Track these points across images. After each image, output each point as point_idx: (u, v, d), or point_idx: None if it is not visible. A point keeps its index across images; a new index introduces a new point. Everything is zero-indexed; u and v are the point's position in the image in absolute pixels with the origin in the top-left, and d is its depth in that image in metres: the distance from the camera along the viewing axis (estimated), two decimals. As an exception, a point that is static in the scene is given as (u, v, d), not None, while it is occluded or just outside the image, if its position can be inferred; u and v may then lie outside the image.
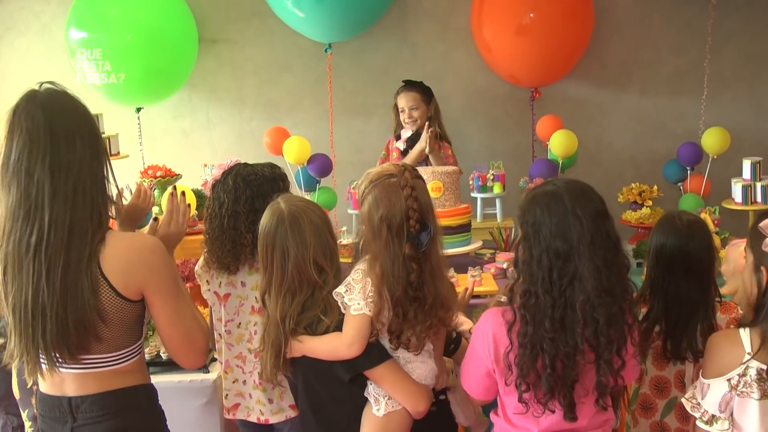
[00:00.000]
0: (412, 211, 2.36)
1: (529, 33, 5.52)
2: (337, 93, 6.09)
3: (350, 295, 2.38)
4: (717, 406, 2.30)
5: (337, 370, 2.43)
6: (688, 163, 5.26)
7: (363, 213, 2.43)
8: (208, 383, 3.76)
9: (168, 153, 5.97)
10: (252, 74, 6.21)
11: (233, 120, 6.27)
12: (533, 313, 2.26)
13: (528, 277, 2.28)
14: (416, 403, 2.44)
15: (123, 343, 2.30)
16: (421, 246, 2.37)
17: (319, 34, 5.74)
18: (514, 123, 6.18)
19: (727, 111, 6.03)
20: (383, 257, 2.34)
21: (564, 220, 2.23)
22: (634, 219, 5.03)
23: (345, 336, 2.37)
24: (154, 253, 2.28)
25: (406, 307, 2.35)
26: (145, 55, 5.42)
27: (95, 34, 5.40)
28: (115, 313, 2.23)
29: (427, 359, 2.50)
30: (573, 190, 2.29)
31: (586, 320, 2.22)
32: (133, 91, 5.49)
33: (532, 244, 2.27)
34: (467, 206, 4.40)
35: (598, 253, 2.22)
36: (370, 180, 2.46)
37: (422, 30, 6.14)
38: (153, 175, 5.15)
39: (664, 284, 2.81)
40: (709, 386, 2.32)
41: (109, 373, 2.30)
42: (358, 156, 6.05)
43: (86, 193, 2.18)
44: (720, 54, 5.99)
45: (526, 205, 2.34)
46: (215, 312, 3.14)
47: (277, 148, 5.22)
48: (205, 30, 6.02)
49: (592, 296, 2.21)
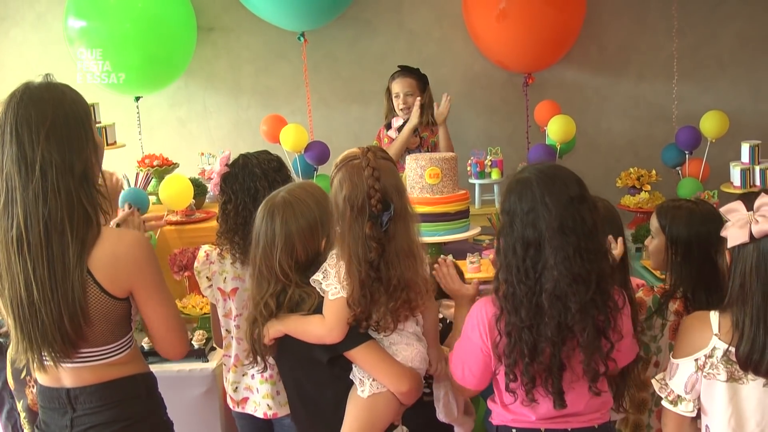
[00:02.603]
0: (373, 190, 2.33)
1: (509, 18, 5.50)
2: (334, 80, 6.12)
3: (327, 281, 2.36)
4: (683, 387, 2.30)
5: (316, 353, 2.40)
6: (686, 147, 5.26)
7: (330, 196, 2.42)
8: (208, 372, 3.78)
9: (165, 142, 5.98)
10: (248, 62, 6.19)
11: (230, 108, 6.25)
12: (511, 302, 2.28)
13: (505, 266, 2.31)
14: (399, 383, 2.38)
15: (110, 339, 2.30)
16: (382, 225, 2.33)
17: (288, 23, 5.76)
18: (512, 109, 6.17)
19: (725, 94, 6.03)
20: (348, 238, 2.33)
21: (533, 208, 2.25)
22: (632, 204, 5.04)
23: (327, 321, 2.35)
24: (140, 248, 2.27)
25: (370, 288, 2.32)
26: (145, 44, 5.38)
27: (93, 22, 5.37)
28: (101, 311, 2.22)
29: (413, 342, 2.46)
30: (543, 176, 2.29)
31: (557, 308, 2.24)
32: (132, 81, 5.45)
33: (507, 232, 2.30)
34: (465, 192, 4.38)
35: (570, 240, 2.23)
36: (335, 164, 2.47)
37: (418, 16, 6.12)
38: (150, 164, 5.16)
39: (702, 277, 2.82)
40: (677, 366, 2.32)
41: (103, 365, 2.30)
42: (356, 143, 5.92)
43: (60, 188, 2.14)
44: (718, 37, 5.99)
45: (504, 193, 2.38)
46: (220, 308, 3.13)
47: (274, 136, 5.21)
48: (201, 18, 5.96)
49: (563, 284, 2.23)
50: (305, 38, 5.83)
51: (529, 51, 5.69)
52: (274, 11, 5.61)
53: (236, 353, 3.12)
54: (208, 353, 3.86)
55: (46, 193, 2.13)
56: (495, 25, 5.59)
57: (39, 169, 2.13)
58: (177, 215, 4.71)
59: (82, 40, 5.34)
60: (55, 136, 2.15)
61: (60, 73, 2.33)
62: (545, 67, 5.95)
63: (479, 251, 4.23)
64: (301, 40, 5.84)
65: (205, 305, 3.99)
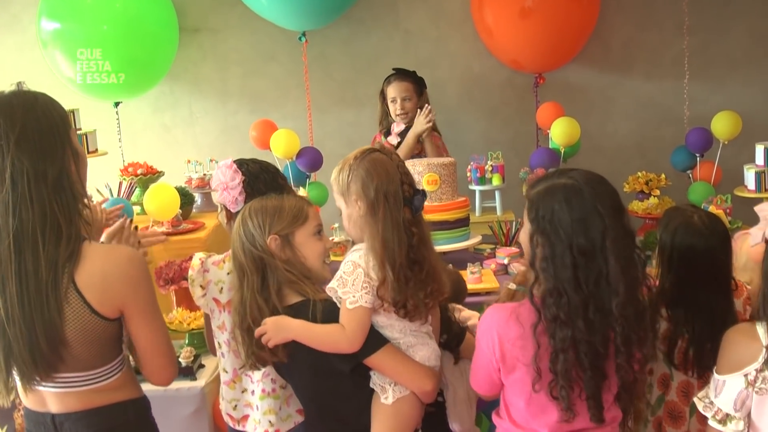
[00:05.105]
0: (405, 175, 2.48)
1: (533, 15, 5.52)
2: (326, 83, 6.11)
3: (344, 289, 2.41)
4: (732, 404, 2.28)
5: (336, 363, 2.45)
6: (697, 149, 5.26)
7: (356, 191, 2.48)
8: (196, 391, 3.77)
9: (149, 149, 6.00)
10: (236, 65, 6.20)
11: (217, 113, 6.26)
12: (567, 313, 2.26)
13: (551, 276, 2.27)
14: (422, 383, 2.48)
15: (100, 362, 2.27)
16: (417, 210, 2.45)
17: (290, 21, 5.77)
18: (513, 111, 6.20)
19: (737, 94, 6.03)
20: (384, 227, 2.40)
21: (585, 216, 2.25)
22: (641, 209, 5.05)
23: (347, 331, 2.40)
24: (132, 265, 2.24)
25: (408, 274, 2.41)
26: (123, 47, 5.37)
27: (69, 24, 5.37)
28: (89, 333, 2.19)
29: (427, 340, 2.55)
30: (592, 183, 2.30)
31: (620, 320, 2.25)
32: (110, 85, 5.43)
33: (553, 240, 2.27)
34: (465, 199, 4.40)
35: (621, 248, 2.25)
36: (353, 159, 2.54)
37: (415, 15, 6.14)
38: (134, 172, 5.16)
39: (684, 291, 2.82)
40: (724, 383, 2.30)
41: (89, 391, 2.28)
42: (350, 149, 5.91)
43: (32, 198, 2.11)
44: (729, 33, 6.01)
45: (541, 198, 2.33)
46: (215, 320, 3.11)
47: (264, 142, 5.21)
48: (186, 19, 6.01)
49: (623, 296, 2.24)
50: (306, 38, 5.85)
51: (547, 49, 5.73)
52: (276, 10, 5.61)
53: (234, 368, 3.11)
54: (197, 371, 3.86)
55: (17, 203, 2.10)
56: (516, 22, 5.60)
57: (9, 177, 2.10)
58: (163, 226, 4.70)
59: (56, 43, 5.35)
60: (26, 143, 2.12)
61: (35, 76, 2.34)
62: (557, 67, 5.99)
63: (480, 261, 4.24)
64: (303, 40, 5.86)
65: (192, 320, 3.98)
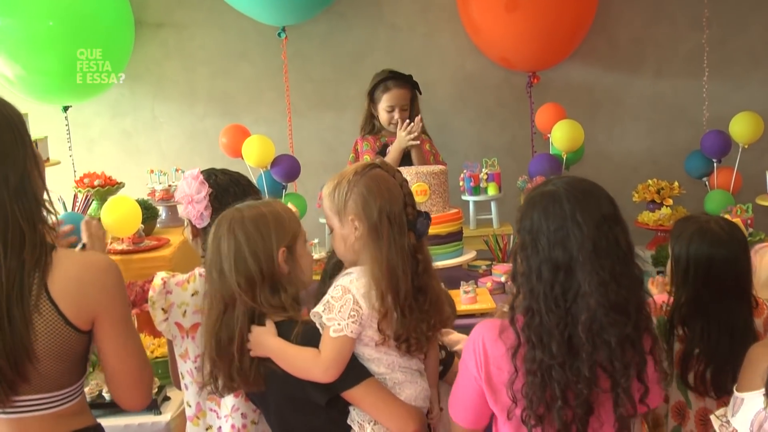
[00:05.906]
0: (408, 196, 2.51)
1: (521, 8, 5.50)
2: (303, 84, 6.13)
3: (329, 315, 2.40)
4: (748, 425, 2.27)
5: (311, 393, 2.44)
6: (714, 154, 5.28)
7: (355, 210, 2.48)
8: (161, 426, 3.71)
9: (107, 158, 5.99)
10: (204, 64, 6.17)
11: (183, 118, 6.23)
12: (539, 334, 2.23)
13: (528, 292, 2.26)
14: (404, 424, 2.46)
15: (67, 381, 2.28)
16: (421, 235, 2.48)
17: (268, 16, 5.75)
18: (510, 114, 6.21)
19: (758, 93, 6.06)
20: (388, 252, 2.41)
21: (563, 226, 2.22)
22: (652, 221, 5.05)
23: (323, 359, 2.38)
24: (109, 273, 2.27)
25: (413, 304, 2.43)
26: (69, 45, 5.35)
27: (9, 20, 5.34)
28: (61, 345, 2.19)
29: (417, 379, 2.53)
30: (574, 190, 2.26)
31: (594, 343, 2.20)
32: (56, 87, 5.44)
33: (530, 253, 2.26)
34: (458, 211, 4.40)
35: (604, 263, 2.20)
36: (352, 175, 2.52)
37: (401, 9, 6.14)
38: (90, 184, 5.11)
39: (702, 306, 2.82)
40: (742, 401, 2.29)
41: (50, 416, 2.27)
42: (330, 156, 6.05)
43: None
44: (748, 27, 6.05)
45: (524, 208, 2.33)
46: (177, 347, 3.06)
47: (236, 149, 5.20)
48: (147, 13, 5.99)
49: (600, 314, 2.19)
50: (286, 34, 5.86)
51: (538, 45, 5.70)
52: (253, 2, 5.61)
53: (197, 401, 3.06)
54: (161, 404, 3.82)
55: None
56: (502, 17, 5.57)
57: None
58: (123, 243, 4.67)
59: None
60: None
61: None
62: (552, 65, 5.97)
63: (475, 279, 4.23)
64: (282, 36, 5.86)
65: (156, 347, 3.94)
